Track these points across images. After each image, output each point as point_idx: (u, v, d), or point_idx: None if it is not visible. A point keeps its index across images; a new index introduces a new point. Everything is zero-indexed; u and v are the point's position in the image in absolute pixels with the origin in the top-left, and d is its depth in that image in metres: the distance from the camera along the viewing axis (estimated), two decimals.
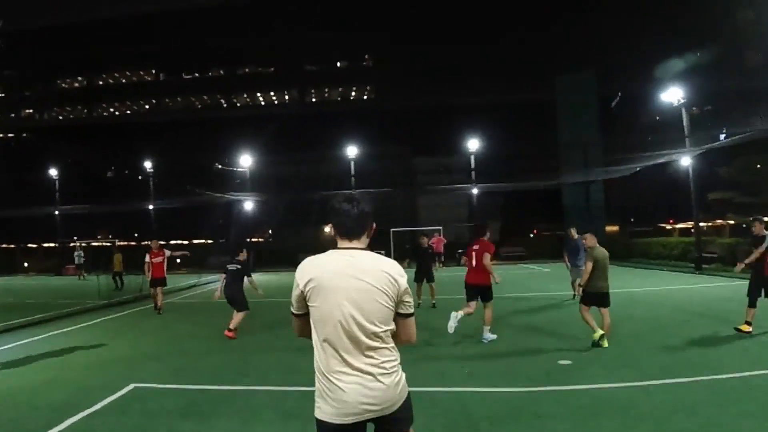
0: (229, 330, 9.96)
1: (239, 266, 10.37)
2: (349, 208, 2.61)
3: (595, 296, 8.30)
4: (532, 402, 5.62)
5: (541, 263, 29.46)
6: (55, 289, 22.75)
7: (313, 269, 2.58)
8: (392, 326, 2.61)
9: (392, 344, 2.63)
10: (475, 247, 9.04)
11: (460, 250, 31.49)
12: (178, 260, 30.83)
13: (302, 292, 2.62)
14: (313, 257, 2.63)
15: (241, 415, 5.50)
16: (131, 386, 6.62)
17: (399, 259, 17.57)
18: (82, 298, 17.72)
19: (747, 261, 9.15)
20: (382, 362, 2.55)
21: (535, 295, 15.15)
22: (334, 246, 2.66)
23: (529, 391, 6.04)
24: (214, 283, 23.88)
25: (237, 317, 10.09)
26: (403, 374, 2.69)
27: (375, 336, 2.53)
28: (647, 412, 5.16)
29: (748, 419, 4.89)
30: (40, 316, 13.07)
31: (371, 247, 2.73)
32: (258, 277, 27.15)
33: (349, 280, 2.51)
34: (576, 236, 13.07)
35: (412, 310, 2.70)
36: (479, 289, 8.93)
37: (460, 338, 9.14)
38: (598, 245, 8.42)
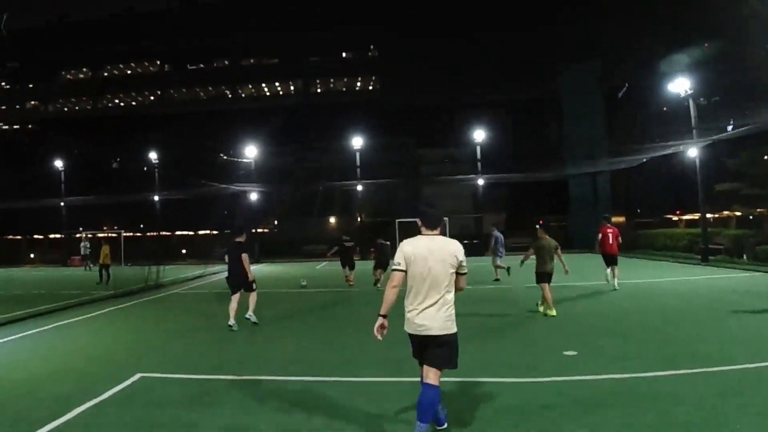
0: (251, 317, 10.34)
1: (240, 247, 10.32)
2: (431, 211, 4.53)
3: (544, 275, 10.38)
4: (537, 393, 5.62)
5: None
6: (60, 280, 22.88)
7: (411, 246, 4.41)
8: (453, 280, 4.37)
9: (452, 291, 4.40)
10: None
11: (465, 241, 31.50)
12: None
13: (405, 258, 4.35)
14: (410, 239, 4.48)
15: (245, 405, 5.52)
16: (137, 376, 6.65)
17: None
18: (87, 289, 17.83)
19: None
20: (444, 303, 4.33)
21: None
22: (419, 233, 4.49)
23: (534, 381, 6.04)
24: (220, 273, 24.00)
25: (252, 301, 10.44)
26: (454, 311, 4.41)
27: (442, 287, 4.30)
28: (651, 404, 5.15)
29: (752, 412, 4.88)
30: (45, 307, 13.14)
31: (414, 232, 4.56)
32: (262, 268, 27.33)
33: (430, 253, 4.32)
34: (495, 231, 18.63)
35: (465, 271, 4.46)
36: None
37: (465, 330, 9.14)
38: (546, 237, 10.61)
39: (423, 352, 4.37)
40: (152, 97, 63.55)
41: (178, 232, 48.73)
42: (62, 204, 38.25)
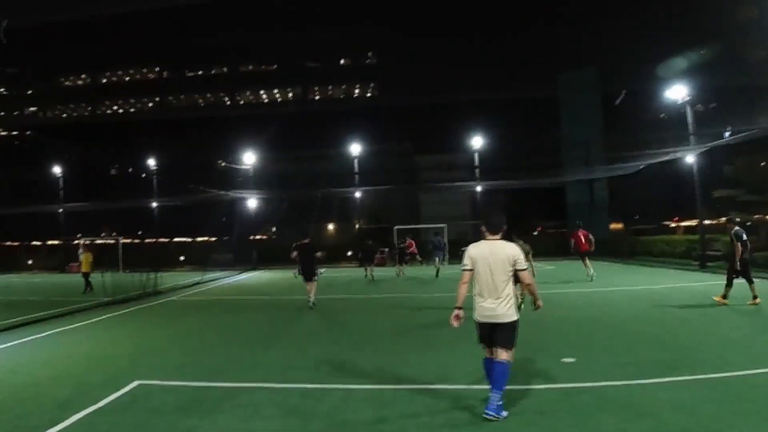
0: (310, 300, 13.37)
1: (309, 247, 14.05)
2: (494, 219, 5.39)
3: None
4: (534, 399, 5.63)
5: (544, 261, 29.40)
6: (59, 287, 22.82)
7: (475, 250, 5.37)
8: (511, 277, 5.23)
9: (511, 286, 5.25)
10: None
11: (463, 248, 31.50)
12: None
13: (471, 259, 5.32)
14: (475, 243, 5.46)
15: (243, 412, 5.53)
16: (135, 383, 6.66)
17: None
18: (86, 296, 17.80)
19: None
20: (505, 295, 5.20)
21: (539, 292, 15.10)
22: (483, 238, 5.43)
23: (532, 388, 6.05)
24: (218, 280, 23.98)
25: (314, 288, 13.57)
26: (514, 303, 5.28)
27: (502, 282, 5.19)
28: (648, 410, 5.17)
29: (749, 418, 4.90)
30: (44, 314, 13.13)
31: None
32: (260, 274, 27.30)
33: (491, 255, 5.24)
34: (437, 236, 25.32)
35: (523, 267, 5.28)
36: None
37: (462, 335, 9.16)
38: (519, 241, 11.10)
39: (491, 336, 5.25)
40: (150, 104, 63.63)
41: (176, 239, 48.69)
42: (60, 210, 38.17)
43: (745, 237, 11.59)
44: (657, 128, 32.29)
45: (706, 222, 23.83)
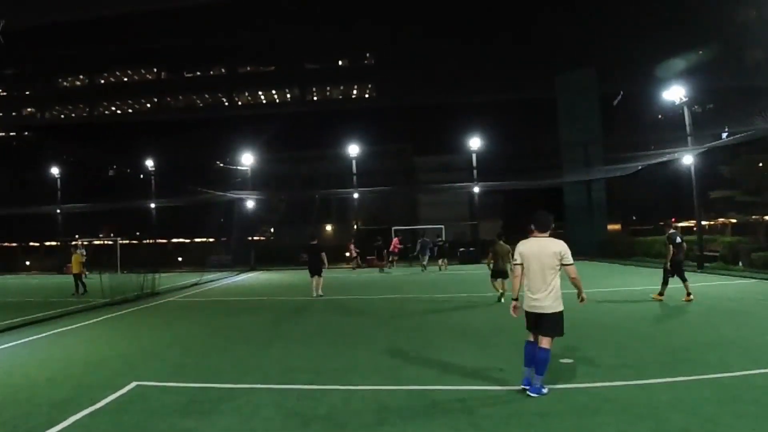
0: (318, 291, 15.94)
1: (316, 247, 16.59)
2: (542, 218, 5.98)
3: (499, 272, 13.55)
4: (533, 400, 5.63)
5: None
6: (57, 288, 22.76)
7: (524, 246, 5.96)
8: (558, 271, 5.80)
9: (558, 280, 5.80)
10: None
11: (461, 249, 31.51)
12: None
13: (521, 255, 5.95)
14: (524, 240, 6.04)
15: (241, 413, 5.52)
16: (133, 384, 6.64)
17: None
18: (84, 297, 17.76)
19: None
20: (552, 288, 5.77)
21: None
22: (530, 235, 6.02)
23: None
24: (216, 281, 23.95)
25: (320, 283, 16.17)
26: (560, 293, 5.84)
27: (549, 276, 5.76)
28: (648, 411, 5.17)
29: (749, 418, 4.90)
30: (42, 315, 13.10)
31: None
32: (258, 276, 27.27)
33: (539, 250, 5.83)
34: (424, 237, 27.79)
35: (569, 262, 5.78)
36: None
37: (462, 336, 9.16)
38: (501, 243, 13.64)
39: (537, 325, 5.86)
40: (149, 104, 63.59)
41: (174, 240, 48.63)
42: (58, 211, 38.11)
43: (679, 240, 12.71)
44: (655, 129, 32.36)
45: (704, 223, 23.85)
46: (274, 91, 62.77)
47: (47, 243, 46.02)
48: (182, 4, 54.55)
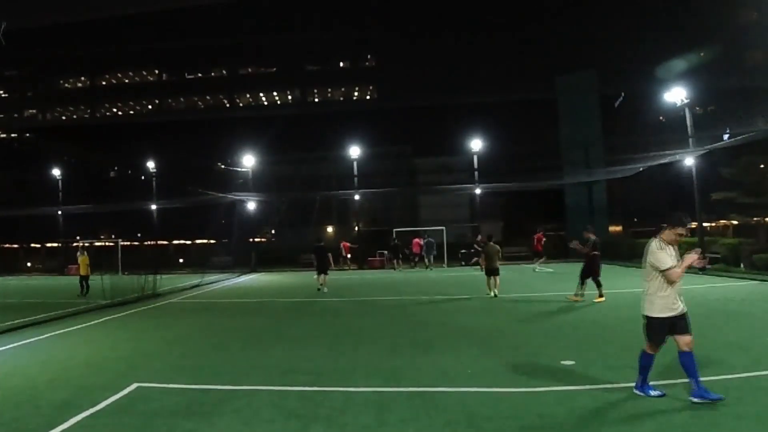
0: (322, 288, 17.77)
1: (322, 249, 18.64)
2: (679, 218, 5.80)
3: (492, 270, 14.96)
4: (534, 402, 5.62)
5: (544, 263, 29.40)
6: (58, 289, 22.78)
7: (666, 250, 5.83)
8: (652, 272, 5.84)
9: (653, 282, 5.88)
10: None
11: (463, 250, 31.45)
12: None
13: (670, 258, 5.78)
14: (657, 241, 5.92)
15: (242, 415, 5.51)
16: (134, 386, 6.64)
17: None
18: (85, 298, 17.76)
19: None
20: (646, 289, 5.98)
21: (539, 295, 15.13)
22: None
23: (531, 391, 6.04)
24: (217, 283, 23.94)
25: (325, 279, 18.01)
26: (649, 297, 5.99)
27: (646, 278, 5.94)
28: (649, 413, 5.16)
29: (750, 420, 4.89)
30: (43, 316, 13.10)
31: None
32: (259, 277, 27.27)
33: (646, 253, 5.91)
34: (427, 237, 29.50)
35: (658, 266, 5.74)
36: None
37: (462, 338, 9.15)
38: (491, 244, 15.27)
39: (676, 327, 5.83)
40: (150, 106, 63.64)
41: (175, 241, 48.64)
42: (60, 212, 38.13)
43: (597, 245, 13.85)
44: (656, 130, 32.32)
45: (706, 224, 23.81)
46: (274, 93, 62.77)
47: (48, 245, 46.06)
48: (183, 5, 54.66)
